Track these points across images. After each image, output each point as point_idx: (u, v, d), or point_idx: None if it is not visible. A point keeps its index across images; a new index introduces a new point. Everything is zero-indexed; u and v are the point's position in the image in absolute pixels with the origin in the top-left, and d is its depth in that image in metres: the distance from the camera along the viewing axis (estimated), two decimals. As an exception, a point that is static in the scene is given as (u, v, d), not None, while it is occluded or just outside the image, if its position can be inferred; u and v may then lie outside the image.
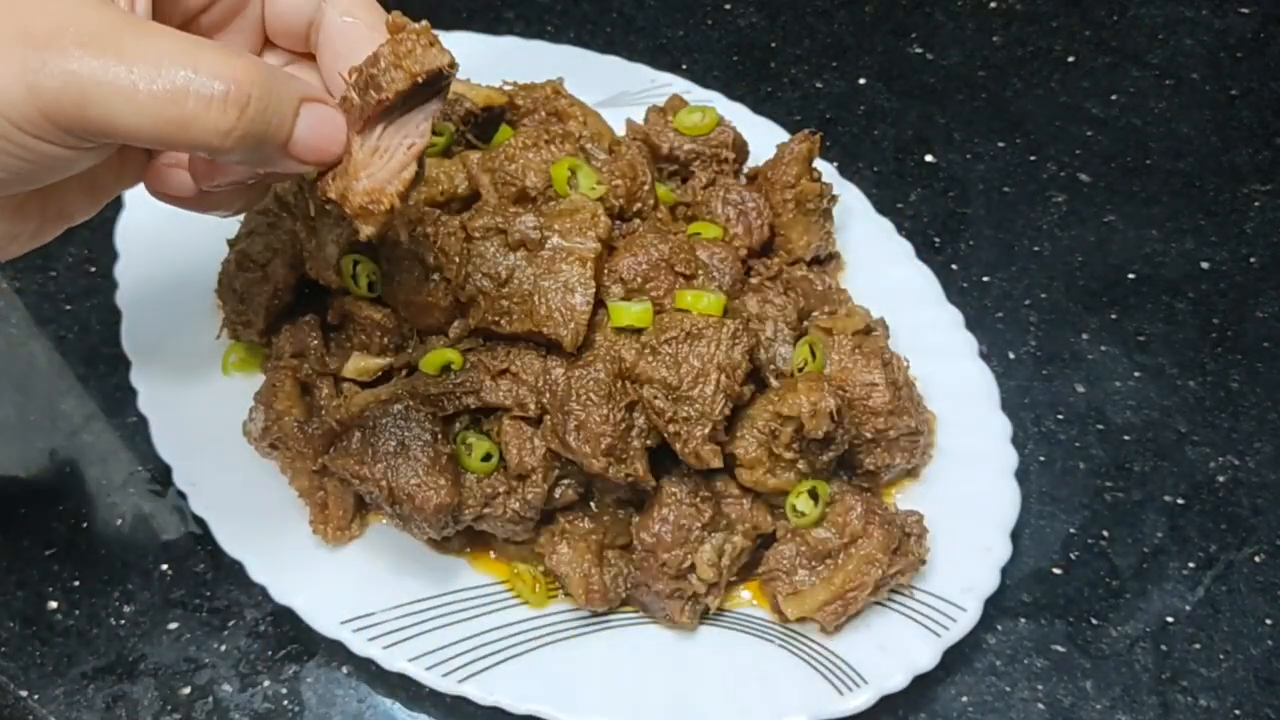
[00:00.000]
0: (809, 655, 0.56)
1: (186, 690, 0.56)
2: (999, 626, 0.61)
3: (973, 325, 0.68)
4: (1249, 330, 0.74)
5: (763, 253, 0.67)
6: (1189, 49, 0.91)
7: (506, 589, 0.59)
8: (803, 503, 0.57)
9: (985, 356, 0.67)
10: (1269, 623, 0.62)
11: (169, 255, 0.67)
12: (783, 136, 0.73)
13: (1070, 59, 0.90)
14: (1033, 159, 0.83)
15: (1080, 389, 0.71)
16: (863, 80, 0.87)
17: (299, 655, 0.58)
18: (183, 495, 0.60)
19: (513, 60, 0.75)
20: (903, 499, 0.62)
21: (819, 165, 0.69)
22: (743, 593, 0.60)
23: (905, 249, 0.71)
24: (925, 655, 0.56)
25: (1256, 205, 0.81)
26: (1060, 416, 0.69)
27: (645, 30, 0.89)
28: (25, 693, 0.56)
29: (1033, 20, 0.92)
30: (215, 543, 0.58)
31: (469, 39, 0.79)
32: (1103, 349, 0.73)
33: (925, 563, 0.58)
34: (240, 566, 0.57)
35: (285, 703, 0.56)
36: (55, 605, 0.59)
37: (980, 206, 0.80)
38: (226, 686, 0.57)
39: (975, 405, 0.64)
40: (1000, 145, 0.84)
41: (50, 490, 0.63)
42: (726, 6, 0.91)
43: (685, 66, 0.86)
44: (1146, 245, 0.78)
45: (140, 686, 0.56)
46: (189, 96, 0.36)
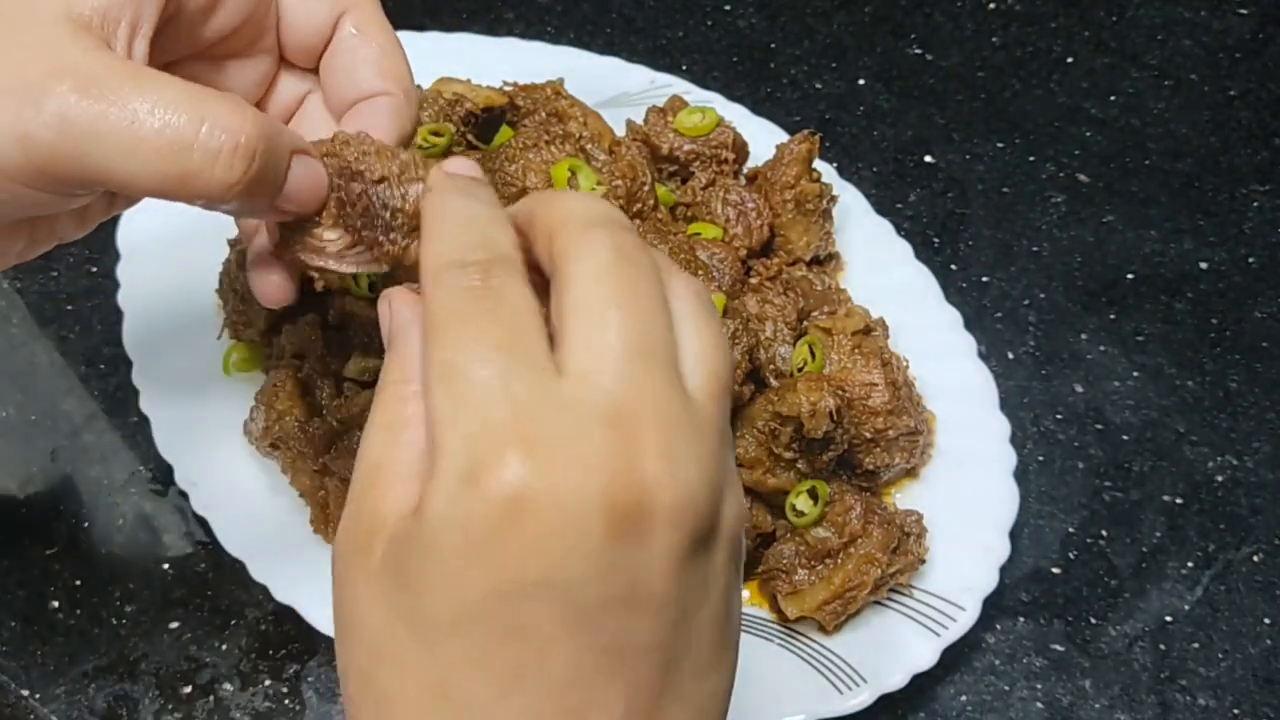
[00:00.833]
0: (808, 654, 0.56)
1: (188, 689, 0.56)
2: (998, 626, 0.61)
3: (972, 325, 0.68)
4: (1248, 330, 0.74)
5: (762, 253, 0.68)
6: (1188, 50, 0.91)
7: (507, 588, 0.59)
8: (802, 502, 0.57)
9: (984, 356, 0.67)
10: (1268, 622, 0.62)
11: (170, 255, 0.67)
12: (782, 137, 0.74)
13: (1069, 60, 0.90)
14: (1032, 159, 0.83)
15: (1079, 389, 0.71)
16: (862, 81, 0.87)
17: (300, 654, 0.58)
18: (184, 495, 0.60)
19: (513, 61, 0.75)
20: (902, 499, 0.62)
21: (818, 166, 0.69)
22: (742, 592, 0.60)
23: (904, 249, 0.71)
24: (924, 654, 0.56)
25: (1255, 206, 0.81)
26: (1059, 416, 0.70)
27: (645, 31, 0.89)
28: (26, 692, 0.56)
29: (1032, 21, 0.92)
30: (216, 542, 0.59)
31: (469, 39, 0.79)
32: (1101, 349, 0.73)
33: (924, 562, 0.58)
34: (241, 566, 0.57)
35: (286, 702, 0.57)
36: (56, 604, 0.59)
37: (979, 207, 0.80)
38: (228, 686, 0.57)
39: (974, 405, 0.64)
40: (999, 146, 0.84)
41: (51, 490, 0.63)
42: (726, 7, 0.91)
43: (685, 67, 0.86)
44: (1145, 245, 0.78)
45: (141, 686, 0.57)
46: (194, 150, 0.34)
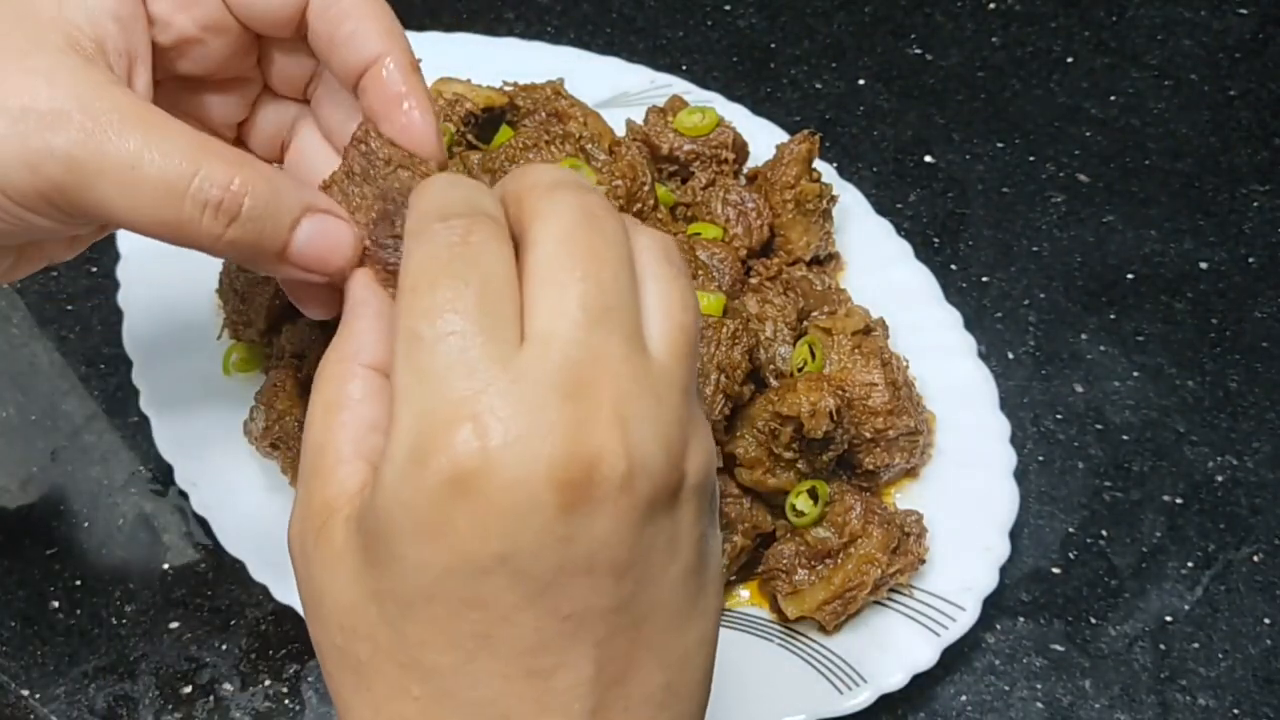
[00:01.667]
0: (808, 654, 0.56)
1: (188, 689, 0.56)
2: (998, 626, 0.61)
3: (972, 325, 0.68)
4: (1247, 330, 0.74)
5: (762, 253, 0.68)
6: (1188, 50, 0.91)
7: (507, 588, 0.59)
8: (802, 502, 0.57)
9: (984, 356, 0.67)
10: (1268, 622, 0.62)
11: (170, 256, 0.66)
12: (782, 137, 0.74)
13: (1069, 60, 0.90)
14: (1032, 159, 0.83)
15: (1079, 389, 0.71)
16: (862, 81, 0.87)
17: (300, 654, 0.58)
18: (184, 495, 0.60)
19: (513, 61, 0.75)
20: (902, 499, 0.62)
21: (818, 166, 0.69)
22: (742, 592, 0.60)
23: (904, 249, 0.71)
24: (924, 654, 0.56)
25: (1255, 206, 0.81)
26: (1059, 416, 0.70)
27: (645, 31, 0.89)
28: (26, 691, 0.56)
29: (1032, 21, 0.92)
30: (216, 542, 0.59)
31: (469, 39, 0.79)
32: (1101, 349, 0.73)
33: (924, 562, 0.58)
34: (241, 566, 0.57)
35: (286, 701, 0.57)
36: (56, 604, 0.59)
37: (979, 207, 0.80)
38: (228, 685, 0.57)
39: (974, 405, 0.64)
40: (999, 146, 0.84)
41: (51, 490, 0.63)
42: (726, 7, 0.91)
43: (685, 67, 0.86)
44: (1145, 245, 0.78)
45: (141, 685, 0.57)
46: (186, 199, 0.36)
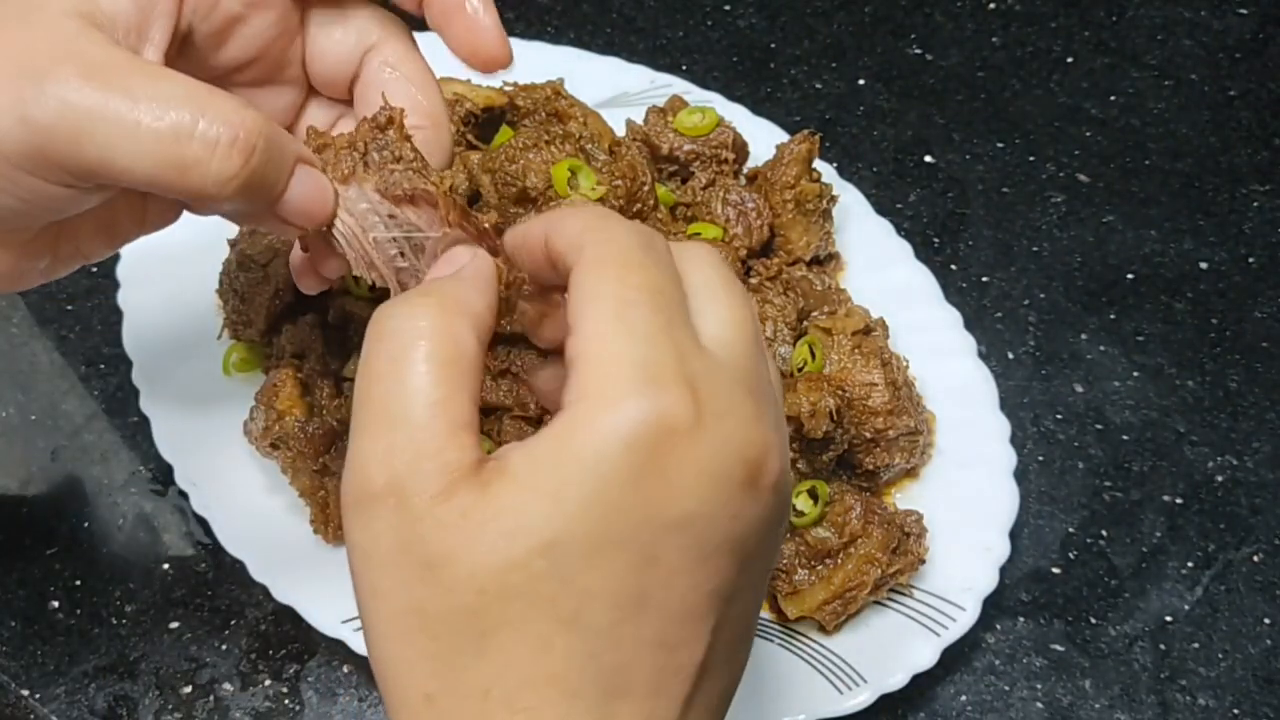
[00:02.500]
0: (808, 654, 0.56)
1: (188, 689, 0.56)
2: (998, 626, 0.61)
3: (972, 325, 0.68)
4: (1248, 330, 0.74)
5: (762, 253, 0.68)
6: (1188, 50, 0.91)
7: (507, 588, 0.59)
8: (802, 502, 0.57)
9: (984, 356, 0.67)
10: (1268, 622, 0.62)
11: (170, 256, 0.67)
12: (782, 137, 0.74)
13: (1069, 59, 0.90)
14: (1032, 159, 0.83)
15: (1079, 389, 0.71)
16: (862, 81, 0.87)
17: (300, 654, 0.58)
18: (184, 495, 0.60)
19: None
20: (902, 499, 0.62)
21: (818, 166, 0.69)
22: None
23: (904, 249, 0.71)
24: (924, 654, 0.56)
25: (1255, 206, 0.81)
26: (1059, 416, 0.70)
27: (645, 31, 0.89)
28: (26, 691, 0.56)
29: (1032, 21, 0.92)
30: (216, 542, 0.59)
31: (469, 40, 0.79)
32: (1101, 349, 0.73)
33: (924, 562, 0.58)
34: (241, 566, 0.58)
35: (286, 701, 0.57)
36: (56, 604, 0.59)
37: (979, 207, 0.80)
38: (227, 685, 0.57)
39: (974, 405, 0.64)
40: (999, 146, 0.84)
41: (52, 489, 0.63)
42: (726, 7, 0.91)
43: (685, 67, 0.86)
44: (1145, 245, 0.78)
45: (141, 685, 0.57)
46: (193, 139, 0.35)
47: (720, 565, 0.31)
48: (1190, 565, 0.64)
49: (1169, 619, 0.62)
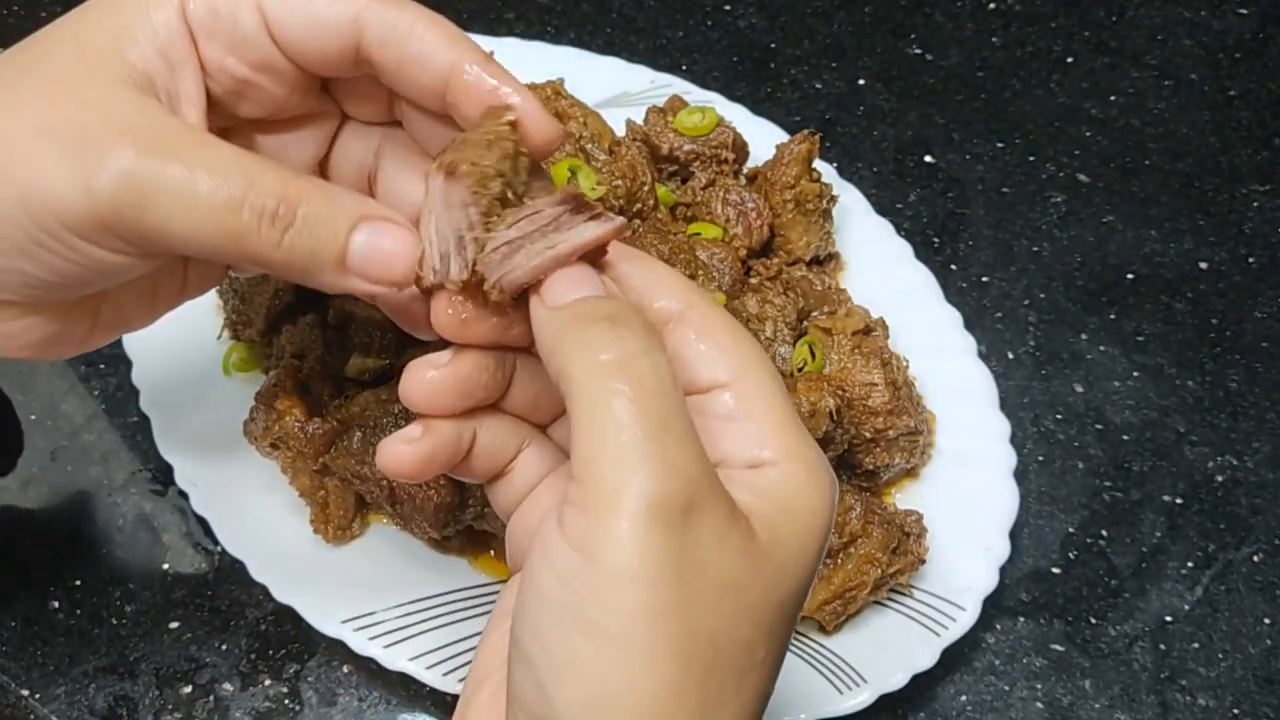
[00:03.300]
0: (808, 654, 0.56)
1: (188, 689, 0.56)
2: (998, 626, 0.61)
3: (971, 325, 0.68)
4: (1248, 330, 0.74)
5: (762, 253, 0.68)
6: (1188, 50, 0.91)
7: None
8: (802, 502, 0.57)
9: (984, 356, 0.67)
10: (1267, 622, 0.62)
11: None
12: (782, 137, 0.74)
13: (1069, 59, 0.90)
14: (1032, 159, 0.83)
15: (1079, 389, 0.71)
16: (862, 81, 0.87)
17: (300, 654, 0.58)
18: (184, 495, 0.60)
19: (513, 60, 0.74)
20: (902, 499, 0.62)
21: (818, 166, 0.69)
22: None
23: (904, 249, 0.71)
24: (924, 654, 0.56)
25: (1255, 205, 0.81)
26: (1059, 416, 0.70)
27: (645, 31, 0.89)
28: (27, 692, 0.56)
29: (1032, 21, 0.92)
30: (216, 542, 0.59)
31: (469, 39, 0.79)
32: (1101, 349, 0.73)
33: (924, 562, 0.58)
34: (241, 566, 0.57)
35: (286, 702, 0.57)
36: (56, 605, 0.59)
37: (979, 207, 0.80)
38: (227, 686, 0.57)
39: (974, 405, 0.64)
40: (999, 146, 0.84)
41: (51, 490, 0.63)
42: (726, 7, 0.91)
43: (685, 67, 0.86)
44: (1145, 245, 0.78)
45: (141, 686, 0.57)
46: (245, 208, 0.36)
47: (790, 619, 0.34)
48: (1190, 565, 0.64)
49: (1169, 619, 0.62)
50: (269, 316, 0.63)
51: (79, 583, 0.60)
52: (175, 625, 0.59)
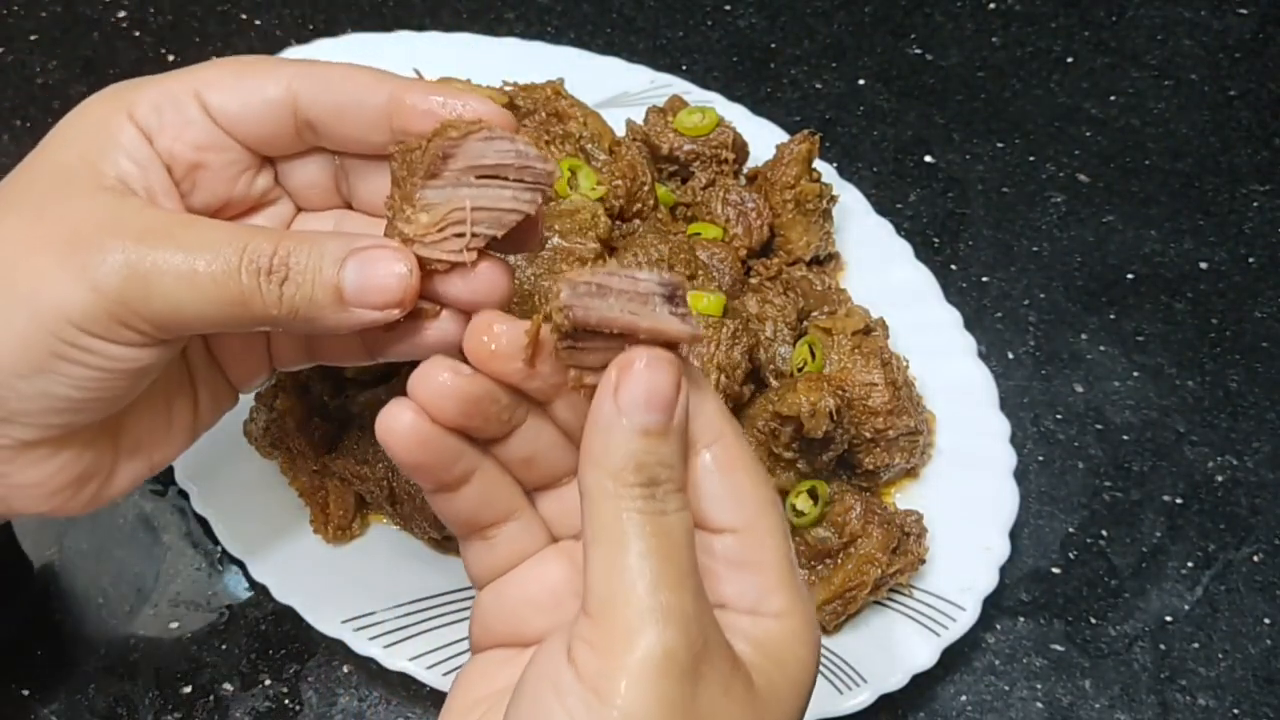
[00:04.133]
0: (808, 654, 0.56)
1: (188, 689, 0.56)
2: (998, 626, 0.61)
3: (972, 325, 0.68)
4: (1248, 330, 0.74)
5: (762, 253, 0.68)
6: (1188, 50, 0.91)
7: (507, 588, 0.59)
8: (802, 502, 0.57)
9: (984, 356, 0.67)
10: (1268, 622, 0.62)
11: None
12: (782, 137, 0.74)
13: (1069, 59, 0.90)
14: (1032, 159, 0.83)
15: (1079, 389, 0.71)
16: (862, 81, 0.87)
17: (300, 654, 0.58)
18: (184, 495, 0.60)
19: (513, 60, 0.75)
20: (902, 499, 0.62)
21: (818, 166, 0.69)
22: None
23: (904, 249, 0.71)
24: (924, 654, 0.56)
25: (1255, 205, 0.81)
26: (1059, 416, 0.70)
27: (645, 31, 0.89)
28: (27, 692, 0.56)
29: (1032, 21, 0.92)
30: (216, 542, 0.59)
31: (469, 39, 0.80)
32: (1101, 349, 0.73)
33: (924, 562, 0.58)
34: (241, 566, 0.58)
35: (286, 702, 0.57)
36: (56, 605, 0.59)
37: (979, 207, 0.80)
38: (227, 685, 0.57)
39: (974, 405, 0.64)
40: (999, 146, 0.84)
41: (51, 490, 0.63)
42: (726, 7, 0.91)
43: (685, 67, 0.86)
44: (1145, 245, 0.78)
45: (141, 686, 0.57)
46: (242, 272, 0.37)
47: None
48: (1190, 565, 0.64)
49: (1169, 619, 0.62)
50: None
51: (79, 583, 0.60)
52: (175, 625, 0.59)
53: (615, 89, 0.77)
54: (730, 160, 0.69)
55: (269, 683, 0.57)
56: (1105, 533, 0.65)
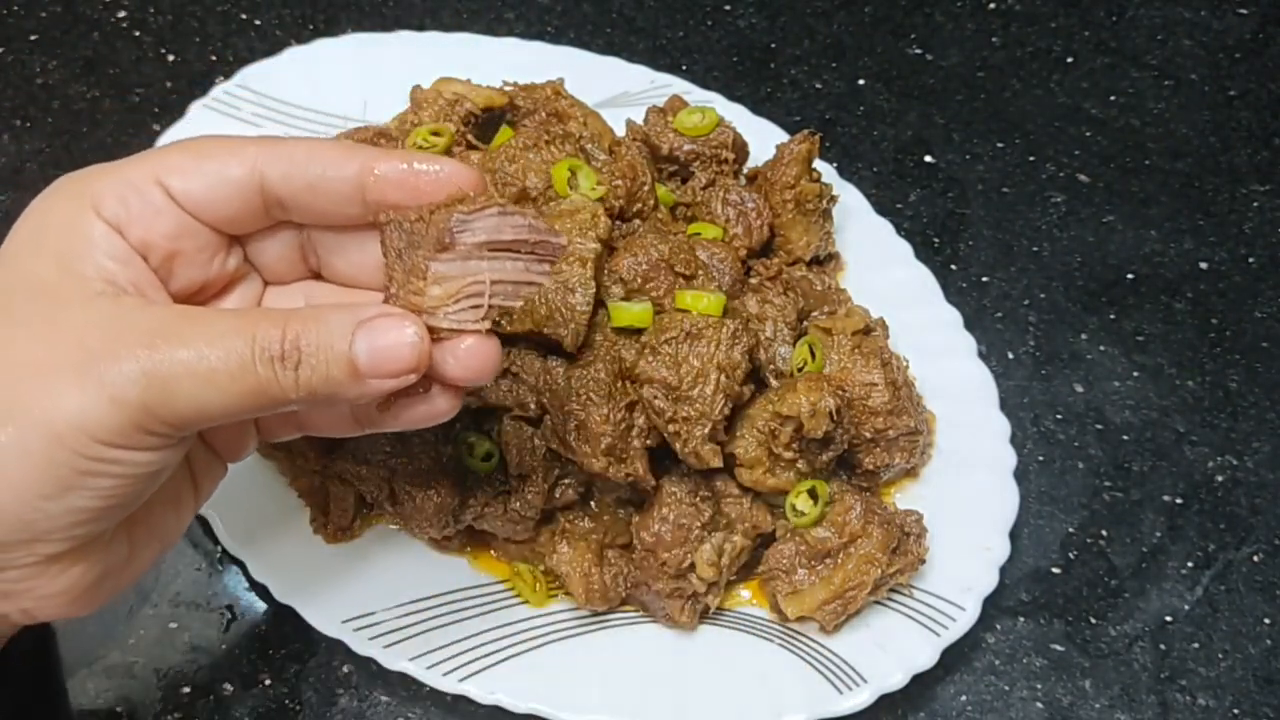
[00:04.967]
0: (808, 654, 0.56)
1: (188, 689, 0.56)
2: (998, 626, 0.61)
3: (972, 325, 0.68)
4: (1247, 330, 0.74)
5: (762, 253, 0.68)
6: (1188, 50, 0.91)
7: (507, 588, 0.59)
8: (802, 502, 0.57)
9: (984, 356, 0.67)
10: (1267, 622, 0.62)
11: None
12: (782, 137, 0.74)
13: (1069, 60, 0.90)
14: (1032, 159, 0.83)
15: (1079, 389, 0.71)
16: (862, 81, 0.87)
17: (300, 654, 0.58)
18: (184, 495, 0.60)
19: (513, 61, 0.75)
20: (902, 498, 0.62)
21: (818, 166, 0.69)
22: (742, 592, 0.60)
23: (904, 249, 0.71)
24: (924, 654, 0.56)
25: (1255, 205, 0.81)
26: (1059, 416, 0.70)
27: (645, 31, 0.89)
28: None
29: (1032, 21, 0.92)
30: (216, 542, 0.59)
31: (469, 39, 0.80)
32: (1101, 349, 0.73)
33: (924, 562, 0.58)
34: (241, 566, 0.58)
35: (286, 702, 0.57)
36: (56, 605, 0.59)
37: (979, 207, 0.80)
38: (228, 686, 0.57)
39: (974, 405, 0.64)
40: (999, 146, 0.84)
41: (51, 490, 0.63)
42: (726, 7, 0.91)
43: (685, 67, 0.86)
44: (1145, 245, 0.78)
45: (141, 686, 0.57)
46: (256, 363, 0.37)
47: None
48: (1190, 565, 0.64)
49: (1169, 619, 0.62)
50: (269, 316, 0.62)
51: (79, 583, 0.60)
52: (175, 625, 0.59)
53: (615, 89, 0.77)
54: (730, 160, 0.69)
55: (269, 683, 0.57)
56: (1105, 533, 0.65)
